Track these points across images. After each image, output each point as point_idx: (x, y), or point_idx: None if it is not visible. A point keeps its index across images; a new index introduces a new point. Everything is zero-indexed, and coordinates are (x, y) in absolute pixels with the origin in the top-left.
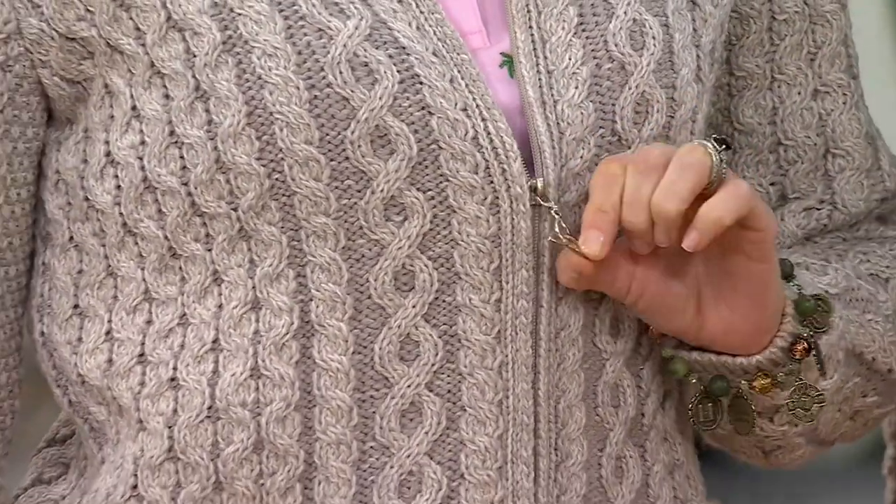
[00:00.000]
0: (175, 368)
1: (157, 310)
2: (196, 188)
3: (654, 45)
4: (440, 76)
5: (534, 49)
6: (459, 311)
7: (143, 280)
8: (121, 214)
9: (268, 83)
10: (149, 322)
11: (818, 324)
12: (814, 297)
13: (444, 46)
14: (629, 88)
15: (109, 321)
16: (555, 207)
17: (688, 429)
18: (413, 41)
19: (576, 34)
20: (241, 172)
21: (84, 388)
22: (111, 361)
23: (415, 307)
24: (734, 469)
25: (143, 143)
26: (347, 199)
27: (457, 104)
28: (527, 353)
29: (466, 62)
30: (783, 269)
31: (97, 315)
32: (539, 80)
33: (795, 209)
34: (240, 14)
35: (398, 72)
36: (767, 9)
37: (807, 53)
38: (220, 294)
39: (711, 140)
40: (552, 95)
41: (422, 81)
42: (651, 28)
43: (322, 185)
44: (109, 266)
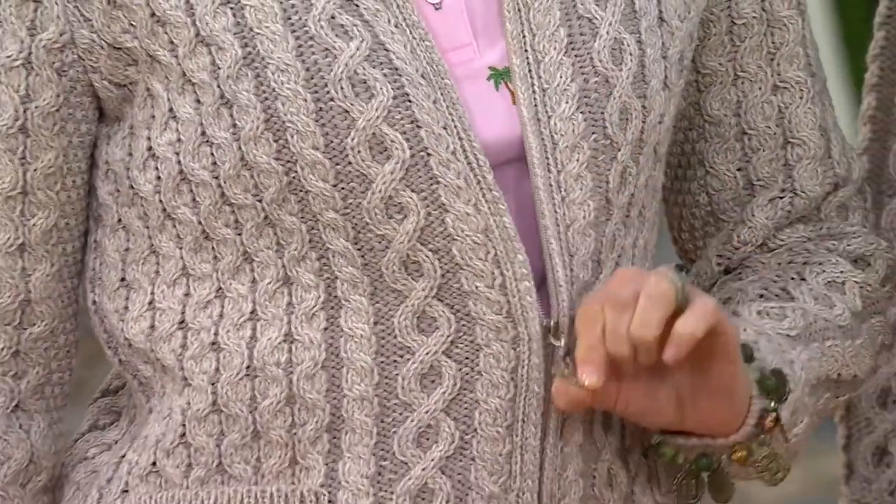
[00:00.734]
0: (216, 334)
1: (195, 284)
2: (225, 182)
3: (631, 60)
4: (426, 97)
5: (528, 71)
6: (468, 296)
7: (181, 258)
8: (160, 201)
9: (280, 95)
10: (187, 294)
11: (781, 393)
12: (773, 373)
13: (431, 71)
14: (614, 98)
15: (152, 293)
16: (562, 350)
17: None
18: (405, 63)
19: (566, 53)
20: (263, 170)
21: (131, 350)
22: (153, 327)
23: (425, 290)
24: None
25: (179, 141)
26: (353, 199)
27: (439, 122)
28: (536, 331)
29: (449, 87)
30: (745, 353)
31: (141, 287)
32: (534, 99)
33: (762, 202)
34: (258, 33)
35: (392, 89)
36: (726, 14)
37: (766, 53)
38: (253, 271)
39: (672, 270)
40: (546, 112)
41: (410, 100)
42: (629, 45)
43: (328, 186)
44: (152, 245)
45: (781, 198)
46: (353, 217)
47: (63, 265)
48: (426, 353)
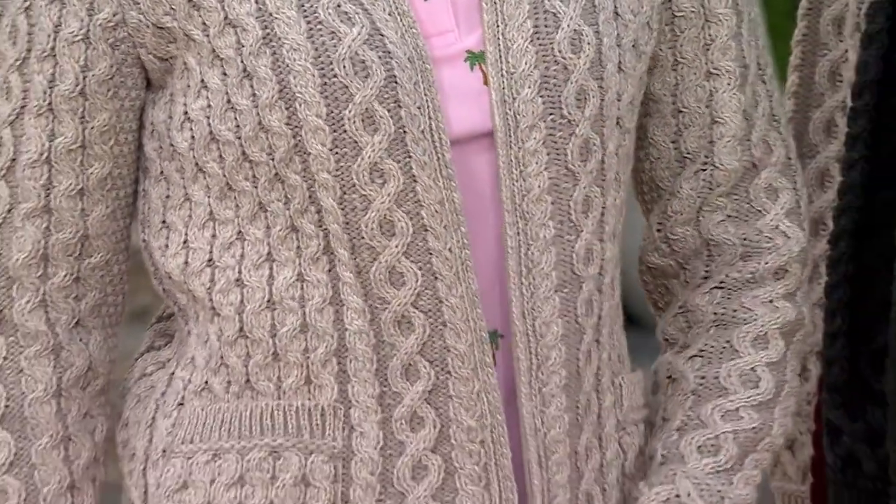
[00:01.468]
0: (239, 272)
1: (220, 227)
2: (245, 142)
3: (589, 48)
4: (409, 79)
5: (499, 57)
6: (433, 254)
7: (209, 205)
8: (193, 157)
9: (292, 70)
10: (214, 236)
11: None
12: None
13: (416, 55)
14: (570, 83)
15: (186, 234)
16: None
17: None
18: (396, 47)
19: (531, 42)
20: (275, 133)
21: (171, 282)
22: (187, 263)
23: (397, 247)
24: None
25: (209, 107)
26: (344, 163)
27: (416, 102)
28: (476, 287)
29: (428, 71)
30: None
31: (177, 229)
32: (502, 83)
33: (689, 174)
34: (276, 18)
35: (384, 71)
36: (667, 7)
37: (703, 45)
38: (267, 219)
39: None
40: (511, 95)
41: (397, 81)
42: (587, 36)
43: (326, 150)
44: (186, 193)
45: (704, 170)
46: (343, 178)
47: (116, 207)
48: (398, 304)
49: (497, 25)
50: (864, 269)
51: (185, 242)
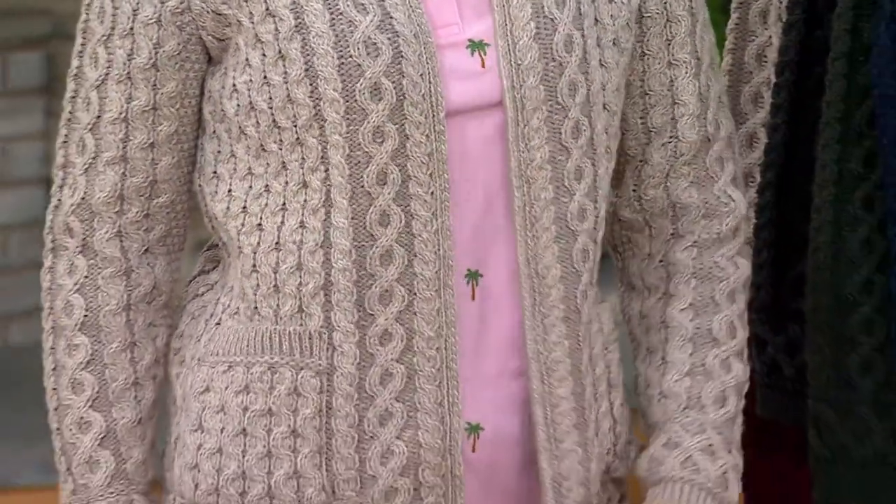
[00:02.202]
0: (261, 219)
1: (254, 180)
2: (276, 112)
3: (578, 49)
4: (413, 53)
5: (508, 51)
6: (413, 198)
7: (248, 161)
8: (237, 121)
9: (317, 53)
10: (250, 187)
11: None
12: None
13: (420, 31)
14: (564, 77)
15: (230, 184)
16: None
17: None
18: (403, 26)
19: (534, 40)
20: (300, 104)
21: (216, 221)
22: (228, 209)
23: (389, 194)
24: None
25: (251, 81)
26: (353, 127)
27: (419, 70)
28: (448, 225)
29: (430, 45)
30: None
31: (224, 179)
32: (511, 72)
33: (657, 146)
34: (306, 10)
35: (391, 49)
36: (637, 7)
37: (665, 40)
38: (286, 176)
39: None
40: (519, 82)
41: (403, 56)
42: (576, 39)
43: (339, 117)
44: (232, 150)
45: (670, 142)
46: (350, 139)
47: (181, 158)
48: (385, 241)
49: (505, 24)
50: (785, 214)
51: (230, 191)
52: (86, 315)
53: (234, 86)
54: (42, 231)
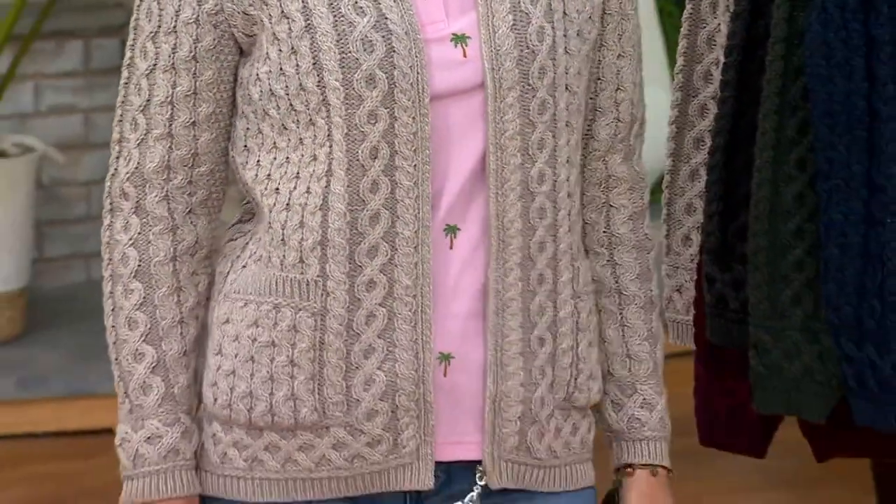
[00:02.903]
0: (279, 185)
1: (277, 153)
2: (291, 97)
3: (548, 38)
4: (404, 48)
5: (489, 38)
6: (397, 170)
7: (273, 137)
8: (261, 104)
9: (322, 49)
10: (274, 159)
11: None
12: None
13: (410, 29)
14: (535, 63)
15: (259, 155)
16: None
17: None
18: (396, 25)
19: (511, 30)
20: (309, 91)
21: (247, 186)
22: (256, 176)
23: (379, 166)
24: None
25: (270, 72)
26: (351, 110)
27: (408, 63)
28: (428, 192)
29: (419, 40)
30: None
31: (253, 152)
32: (491, 57)
33: (602, 123)
34: (314, 12)
35: (385, 45)
36: (600, 4)
37: (617, 34)
38: (301, 150)
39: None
40: (497, 66)
41: (395, 50)
42: (547, 30)
43: (340, 103)
44: (259, 128)
45: (612, 122)
46: (349, 120)
47: (218, 134)
48: (373, 204)
49: (488, 16)
50: (732, 172)
51: (258, 162)
52: (139, 265)
53: (258, 75)
54: None
